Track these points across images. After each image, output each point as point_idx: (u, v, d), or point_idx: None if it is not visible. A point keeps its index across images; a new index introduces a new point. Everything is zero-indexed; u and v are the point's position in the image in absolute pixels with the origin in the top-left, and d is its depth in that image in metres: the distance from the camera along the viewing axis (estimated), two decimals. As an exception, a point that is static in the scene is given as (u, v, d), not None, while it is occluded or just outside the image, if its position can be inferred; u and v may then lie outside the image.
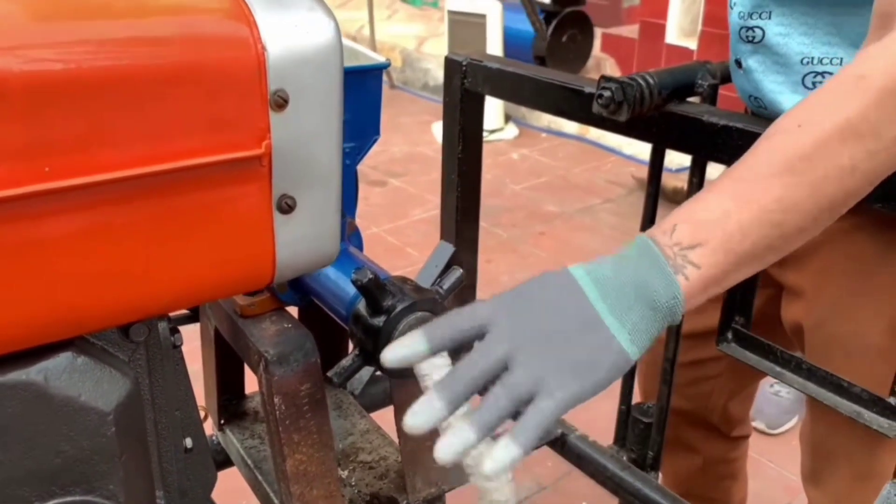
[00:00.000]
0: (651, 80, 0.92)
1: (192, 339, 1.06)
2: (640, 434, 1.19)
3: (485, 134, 4.17)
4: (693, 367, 1.20)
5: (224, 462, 1.20)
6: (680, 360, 1.14)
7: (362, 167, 3.47)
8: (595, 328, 0.60)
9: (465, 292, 1.41)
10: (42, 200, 0.46)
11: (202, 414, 0.79)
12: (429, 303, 0.81)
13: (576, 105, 1.04)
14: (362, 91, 0.90)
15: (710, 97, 0.96)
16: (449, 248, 1.35)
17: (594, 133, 4.00)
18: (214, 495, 1.12)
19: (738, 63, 0.92)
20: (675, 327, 1.09)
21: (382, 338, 0.80)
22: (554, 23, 4.02)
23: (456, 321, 0.61)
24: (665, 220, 0.63)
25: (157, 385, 0.64)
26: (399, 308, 0.79)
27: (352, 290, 0.84)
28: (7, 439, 0.51)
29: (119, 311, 0.52)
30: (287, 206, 0.56)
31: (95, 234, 0.48)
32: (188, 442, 0.70)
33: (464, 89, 1.23)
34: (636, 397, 1.26)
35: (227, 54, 0.50)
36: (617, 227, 3.07)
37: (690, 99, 0.98)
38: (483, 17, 3.91)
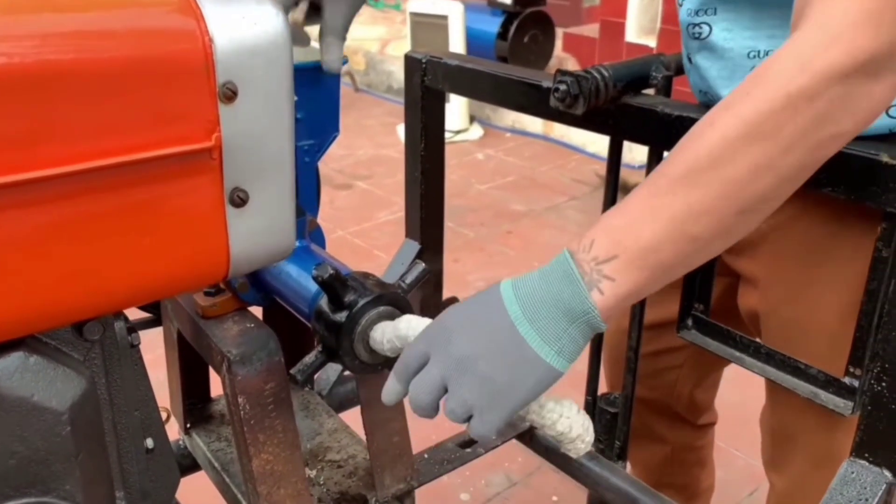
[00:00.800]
0: (606, 73, 0.93)
1: (156, 346, 1.06)
2: (606, 424, 1.20)
3: (449, 135, 4.18)
4: (656, 357, 1.22)
5: (191, 466, 1.19)
6: (643, 351, 1.16)
7: (327, 170, 3.47)
8: (517, 347, 0.63)
9: (431, 292, 1.41)
10: (-13, 196, 0.45)
11: (164, 415, 0.78)
12: (391, 297, 0.82)
13: (535, 100, 1.04)
14: (320, 87, 0.90)
15: (665, 88, 0.98)
16: (414, 246, 1.36)
17: (558, 132, 4.03)
18: (184, 501, 1.12)
19: (689, 59, 0.94)
20: (638, 318, 1.10)
21: (345, 333, 0.80)
22: (515, 23, 4.04)
23: (407, 356, 0.69)
24: (587, 233, 0.65)
25: (114, 385, 0.63)
26: (361, 303, 0.79)
27: (314, 287, 0.84)
28: (-41, 442, 0.50)
29: (71, 308, 0.51)
30: (239, 200, 0.55)
31: (43, 230, 0.48)
32: (149, 442, 0.69)
33: (424, 87, 1.23)
34: (602, 388, 1.28)
35: (174, 47, 0.49)
36: (584, 225, 3.09)
37: (646, 91, 0.99)
38: (445, 18, 3.92)
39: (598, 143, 3.76)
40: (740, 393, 1.57)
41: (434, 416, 0.68)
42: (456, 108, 4.09)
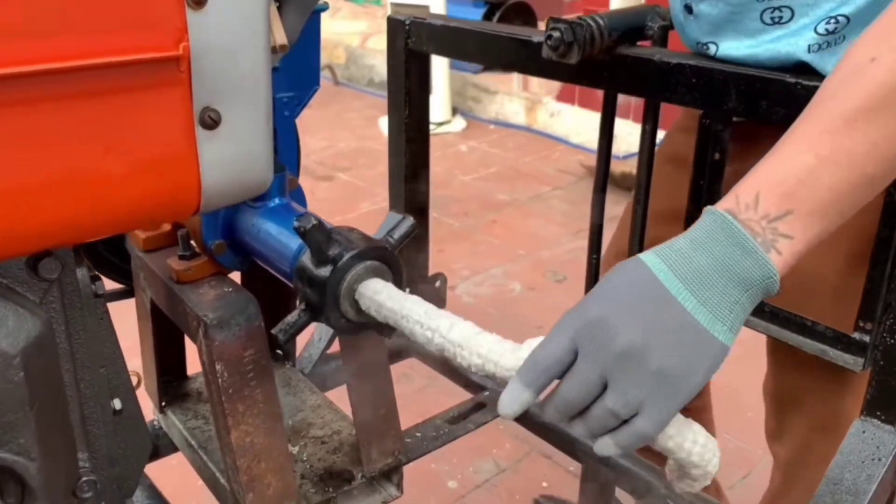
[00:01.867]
0: (601, 22, 0.89)
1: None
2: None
3: (432, 126, 4.12)
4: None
5: (166, 447, 1.13)
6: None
7: (308, 162, 3.41)
8: (690, 331, 0.56)
9: (417, 266, 1.36)
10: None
11: (134, 380, 0.73)
12: (378, 251, 0.77)
13: (524, 56, 1.00)
14: (300, 37, 0.85)
15: (661, 39, 0.94)
16: (397, 218, 1.30)
17: (542, 123, 4.00)
18: (161, 485, 1.06)
19: (689, 8, 0.89)
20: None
21: (329, 289, 0.75)
22: (498, 14, 4.01)
23: (543, 358, 0.59)
24: (742, 189, 0.58)
25: (76, 337, 0.58)
26: (346, 256, 0.74)
27: (295, 243, 0.79)
28: None
29: (20, 233, 0.46)
30: (211, 121, 0.50)
31: (-12, 138, 0.43)
32: (116, 404, 0.64)
33: (408, 50, 1.19)
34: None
35: (135, -61, 0.44)
36: (569, 214, 3.05)
37: (641, 43, 0.95)
38: (426, 8, 3.86)
39: (582, 135, 3.73)
40: (732, 377, 1.54)
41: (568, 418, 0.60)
42: (439, 101, 4.04)
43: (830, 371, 0.86)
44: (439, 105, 4.05)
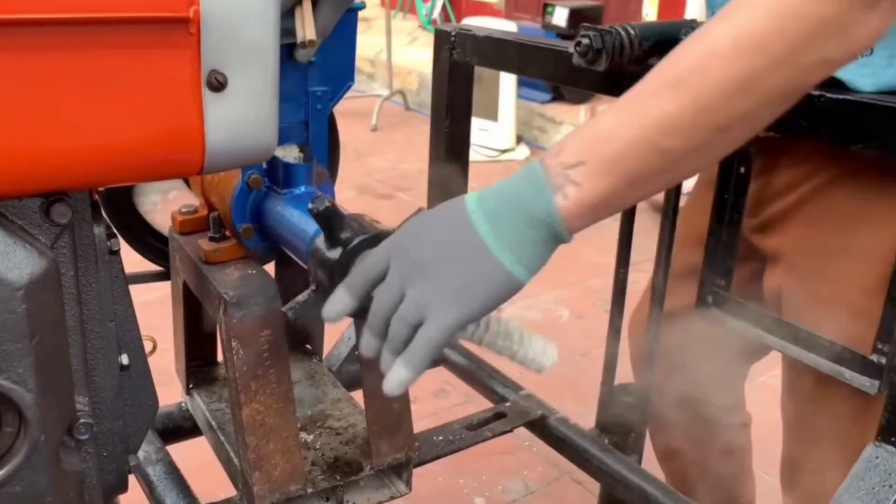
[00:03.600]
0: (632, 31, 0.90)
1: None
2: (619, 417, 1.15)
3: (495, 153, 4.15)
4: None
5: (192, 430, 1.16)
6: (667, 341, 1.11)
7: (371, 181, 3.46)
8: (477, 252, 0.62)
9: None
10: (-56, 34, 0.44)
11: (149, 345, 0.76)
12: (387, 236, 0.78)
13: (558, 65, 1.02)
14: (336, 33, 0.88)
15: (694, 53, 0.94)
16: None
17: (606, 156, 3.98)
18: (186, 469, 1.09)
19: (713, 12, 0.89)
20: (658, 304, 1.05)
21: (338, 271, 0.77)
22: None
23: (365, 269, 0.68)
24: (559, 142, 0.64)
25: (88, 288, 0.61)
26: (357, 240, 0.76)
27: (312, 227, 0.81)
28: None
29: (32, 172, 0.50)
30: (217, 83, 0.53)
31: (5, 78, 0.46)
32: (124, 359, 0.67)
33: (452, 60, 1.22)
34: (627, 379, 1.22)
35: None
36: (609, 239, 2.99)
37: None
38: (497, 37, 3.92)
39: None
40: (774, 417, 1.49)
41: (383, 332, 0.66)
42: (504, 129, 4.08)
43: (845, 401, 0.84)
44: (504, 133, 4.07)
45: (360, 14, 0.92)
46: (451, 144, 1.27)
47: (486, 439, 1.17)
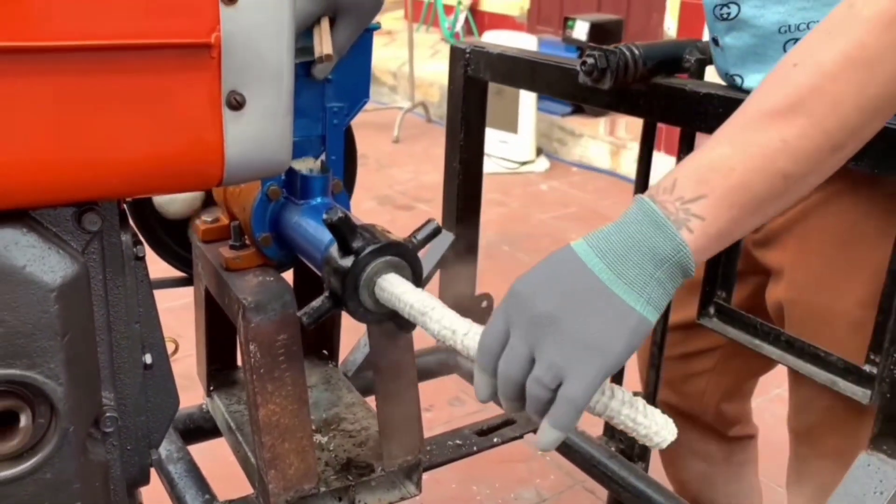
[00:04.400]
0: (636, 51, 0.93)
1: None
2: (628, 423, 1.17)
3: (515, 165, 4.17)
4: (684, 360, 1.19)
5: (212, 431, 1.21)
6: (671, 354, 1.13)
7: (391, 192, 3.51)
8: (605, 300, 0.59)
9: (463, 280, 1.41)
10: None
11: (172, 347, 0.80)
12: (399, 248, 0.82)
13: (565, 83, 1.05)
14: (352, 52, 0.93)
15: (698, 72, 0.97)
16: (449, 236, 1.36)
17: (626, 168, 4.00)
18: (205, 469, 1.13)
19: (716, 41, 0.93)
20: (662, 314, 1.08)
21: (350, 279, 0.81)
22: (589, 60, 4.05)
23: (485, 341, 0.65)
24: (665, 177, 0.62)
25: (115, 291, 0.65)
26: (368, 249, 0.80)
27: (327, 237, 0.85)
28: (-48, 302, 0.53)
29: (67, 184, 0.54)
30: (236, 102, 0.57)
31: (46, 100, 0.51)
32: (147, 358, 0.71)
33: (467, 76, 1.26)
34: (636, 387, 1.24)
35: (179, -58, 0.52)
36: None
37: (679, 76, 0.99)
38: (518, 51, 3.96)
39: (664, 182, 3.71)
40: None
41: (515, 396, 0.63)
42: (524, 141, 4.11)
43: (848, 409, 0.86)
44: (524, 145, 4.11)
45: (384, 27, 0.96)
46: (465, 157, 1.30)
47: (496, 445, 1.21)
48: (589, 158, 4.19)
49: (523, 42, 4.00)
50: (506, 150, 4.12)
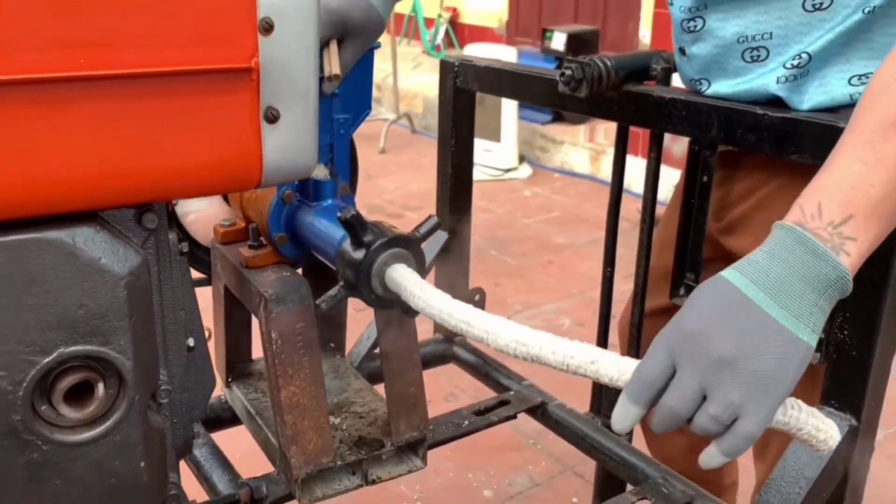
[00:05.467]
0: (609, 63, 1.05)
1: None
2: (613, 400, 1.28)
3: (499, 173, 4.30)
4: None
5: (231, 419, 1.31)
6: (651, 337, 1.24)
7: (381, 201, 3.61)
8: (778, 336, 0.62)
9: (459, 280, 1.52)
10: (72, 85, 0.59)
11: (207, 333, 0.90)
12: (405, 241, 0.93)
13: (546, 92, 1.17)
14: (356, 68, 1.04)
15: (664, 79, 1.09)
16: (443, 236, 1.48)
17: (605, 172, 4.13)
18: (231, 454, 1.23)
19: (682, 51, 1.05)
20: (640, 293, 1.19)
21: (362, 269, 0.91)
22: (568, 68, 4.18)
23: (646, 373, 0.66)
24: (804, 200, 0.66)
25: (164, 283, 0.76)
26: (378, 243, 0.91)
27: (339, 233, 0.96)
28: (42, 287, 0.63)
29: (129, 187, 0.65)
30: (272, 116, 0.68)
31: (112, 119, 0.61)
32: (190, 342, 0.82)
33: (456, 88, 1.37)
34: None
35: (226, -14, 0.63)
36: (623, 257, 3.15)
37: (648, 83, 1.10)
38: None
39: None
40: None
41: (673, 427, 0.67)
42: (507, 149, 4.23)
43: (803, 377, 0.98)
44: (507, 153, 4.23)
45: None
46: (456, 162, 1.42)
47: (493, 424, 1.31)
48: (570, 164, 4.32)
49: (503, 54, 4.13)
50: (490, 158, 4.24)
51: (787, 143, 0.88)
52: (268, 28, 0.66)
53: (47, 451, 0.67)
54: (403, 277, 0.89)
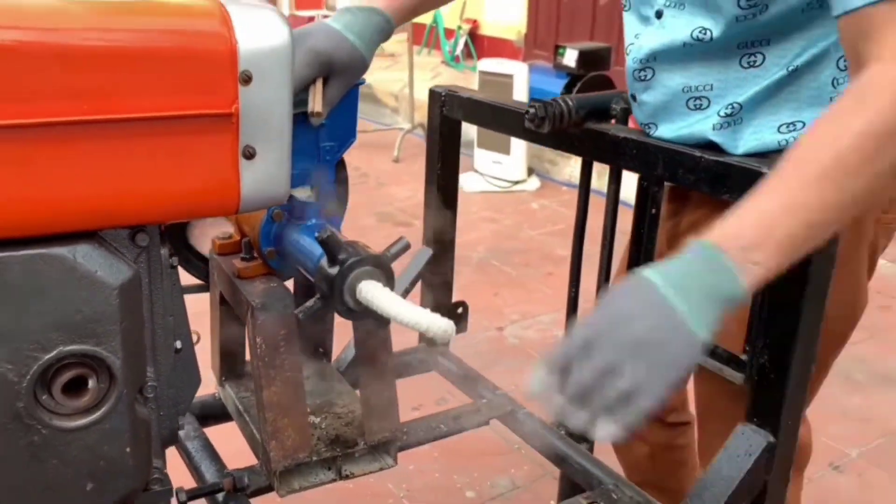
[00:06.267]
0: (570, 103, 1.15)
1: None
2: (575, 411, 1.38)
3: (508, 185, 4.40)
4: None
5: (223, 415, 1.42)
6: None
7: (391, 209, 3.72)
8: (683, 333, 0.74)
9: (442, 294, 1.62)
10: (78, 128, 0.71)
11: (196, 337, 1.02)
12: (375, 259, 1.04)
13: (517, 124, 1.27)
14: (342, 102, 1.15)
15: (622, 119, 1.19)
16: (427, 252, 1.58)
17: (613, 188, 4.22)
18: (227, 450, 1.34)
19: (634, 97, 1.14)
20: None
21: (336, 284, 1.02)
22: (578, 85, 4.28)
23: (565, 349, 0.77)
24: (726, 225, 0.78)
25: (155, 293, 0.87)
26: (350, 261, 1.02)
27: (319, 251, 1.07)
28: (46, 295, 0.74)
29: (124, 211, 0.76)
30: (249, 153, 0.79)
31: (111, 155, 0.72)
32: (178, 344, 0.93)
33: (443, 115, 1.48)
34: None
35: (210, 45, 0.75)
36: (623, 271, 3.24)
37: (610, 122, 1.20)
38: (510, 77, 4.20)
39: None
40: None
41: (581, 399, 0.74)
42: (516, 161, 4.34)
43: (729, 389, 1.07)
44: (516, 165, 4.33)
45: (387, 50, 1.17)
46: (442, 185, 1.52)
47: (464, 429, 1.41)
48: (578, 178, 4.41)
49: (515, 68, 4.24)
50: (499, 170, 4.34)
51: (720, 184, 0.98)
52: (247, 79, 0.77)
53: (46, 434, 0.78)
54: (373, 291, 1.00)
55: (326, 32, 1.07)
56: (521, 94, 4.21)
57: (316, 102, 1.03)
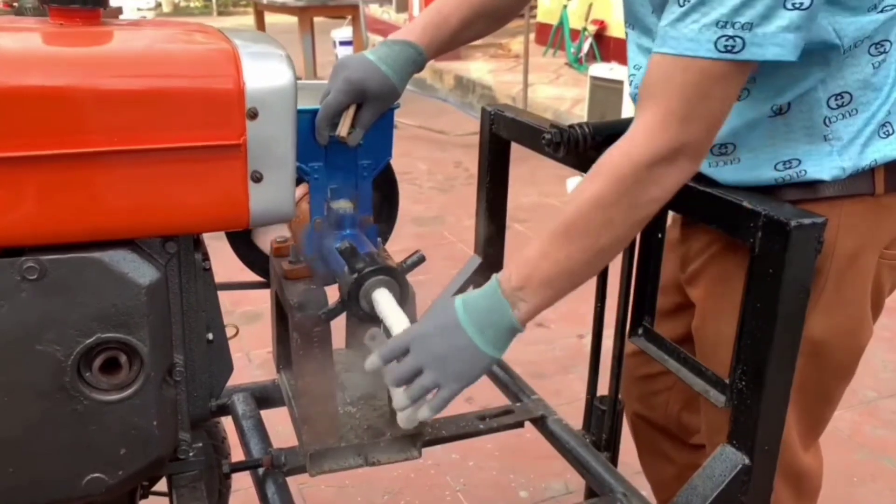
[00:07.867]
0: (587, 129, 1.22)
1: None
2: (599, 419, 1.44)
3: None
4: (647, 380, 1.44)
5: (280, 400, 1.57)
6: (637, 374, 1.41)
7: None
8: (472, 350, 0.98)
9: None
10: (112, 156, 0.86)
11: (232, 331, 1.17)
12: (389, 270, 1.15)
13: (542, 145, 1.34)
14: (378, 124, 1.27)
15: (640, 144, 1.24)
16: (477, 261, 1.68)
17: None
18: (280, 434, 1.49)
19: None
20: (620, 336, 1.35)
21: (353, 291, 1.14)
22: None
23: (391, 348, 1.03)
24: (510, 265, 0.99)
25: (187, 292, 1.02)
26: (366, 270, 1.14)
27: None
28: (88, 291, 0.91)
29: (154, 225, 0.91)
30: (257, 178, 0.93)
31: (138, 177, 0.88)
32: (210, 336, 1.08)
33: (492, 133, 1.57)
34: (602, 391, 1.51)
35: (221, 85, 0.88)
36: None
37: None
38: (620, 83, 4.19)
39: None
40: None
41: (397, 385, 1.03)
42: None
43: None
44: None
45: (512, 51, 1.28)
46: (491, 197, 1.61)
47: (494, 430, 1.50)
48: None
49: (625, 74, 4.21)
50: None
51: (709, 214, 1.03)
52: (254, 115, 0.90)
53: (87, 404, 0.95)
54: (378, 299, 1.11)
55: (361, 63, 1.19)
56: (629, 100, 4.19)
57: (344, 127, 1.15)
